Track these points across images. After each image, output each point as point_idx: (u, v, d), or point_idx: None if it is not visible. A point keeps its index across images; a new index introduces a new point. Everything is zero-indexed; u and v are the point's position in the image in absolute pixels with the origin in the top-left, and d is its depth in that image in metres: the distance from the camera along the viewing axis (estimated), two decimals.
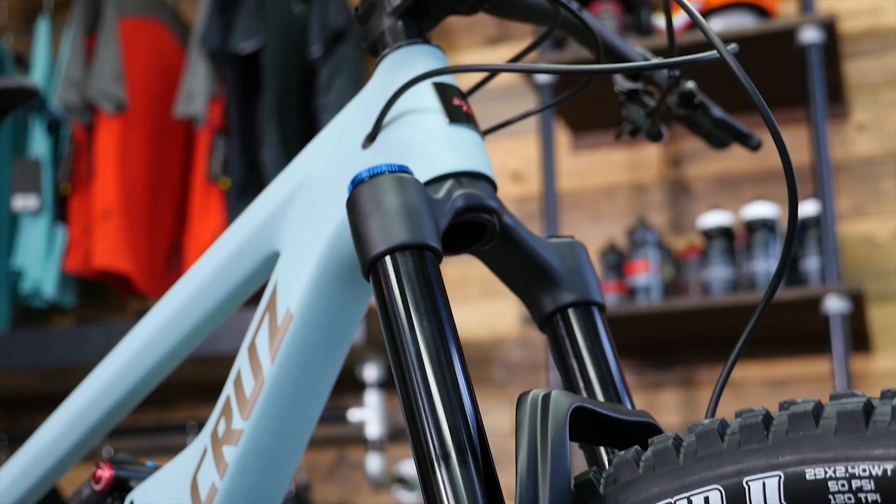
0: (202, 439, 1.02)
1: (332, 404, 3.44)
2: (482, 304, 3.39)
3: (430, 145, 0.92)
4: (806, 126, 2.97)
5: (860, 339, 2.93)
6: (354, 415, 3.22)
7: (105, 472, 1.10)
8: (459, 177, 0.91)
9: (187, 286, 1.12)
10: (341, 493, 3.45)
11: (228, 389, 1.01)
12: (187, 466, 1.03)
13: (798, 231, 2.84)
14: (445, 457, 0.74)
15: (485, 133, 0.98)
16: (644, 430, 0.81)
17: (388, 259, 0.82)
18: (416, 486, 3.24)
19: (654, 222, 3.16)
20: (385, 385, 3.22)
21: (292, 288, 0.98)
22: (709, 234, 2.91)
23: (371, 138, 0.96)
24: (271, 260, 1.06)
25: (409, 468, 3.27)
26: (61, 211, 3.44)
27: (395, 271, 0.81)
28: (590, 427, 0.80)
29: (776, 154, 0.81)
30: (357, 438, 3.32)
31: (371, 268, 0.83)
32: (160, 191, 3.43)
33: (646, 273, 2.92)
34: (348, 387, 3.35)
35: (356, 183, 0.85)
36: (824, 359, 2.92)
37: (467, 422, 0.76)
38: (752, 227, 2.86)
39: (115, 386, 1.16)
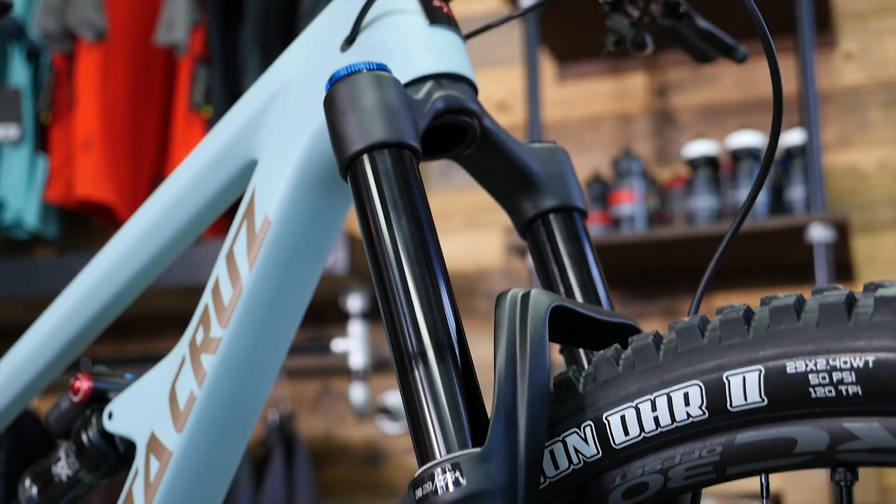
0: (180, 348, 1.01)
1: (316, 335, 3.44)
2: (466, 236, 3.38)
3: (410, 46, 0.90)
4: (793, 55, 2.94)
5: (844, 270, 2.93)
6: (338, 345, 3.22)
7: (83, 384, 1.09)
8: (439, 78, 0.89)
9: (165, 196, 1.10)
10: (325, 424, 3.46)
11: (206, 298, 0.99)
12: (165, 376, 1.02)
13: (783, 160, 2.83)
14: (423, 354, 0.73)
15: (467, 37, 0.97)
16: (624, 332, 0.80)
17: (365, 157, 0.80)
18: (401, 416, 3.25)
19: (639, 153, 3.14)
20: (369, 315, 3.21)
21: (270, 194, 0.97)
22: (694, 164, 2.90)
23: (349, 41, 0.94)
24: (249, 168, 1.04)
25: (393, 398, 3.28)
26: (42, 140, 3.41)
27: (372, 170, 0.80)
28: (570, 328, 0.79)
29: (762, 84, 0.80)
30: (341, 369, 3.32)
31: (348, 167, 0.81)
32: (142, 120, 3.39)
33: (630, 203, 2.91)
34: (332, 317, 3.35)
35: (333, 81, 0.83)
36: (808, 288, 2.92)
37: (445, 320, 0.74)
38: (738, 156, 2.85)
39: (94, 297, 1.15)
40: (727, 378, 0.68)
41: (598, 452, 0.73)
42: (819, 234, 2.58)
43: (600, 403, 0.73)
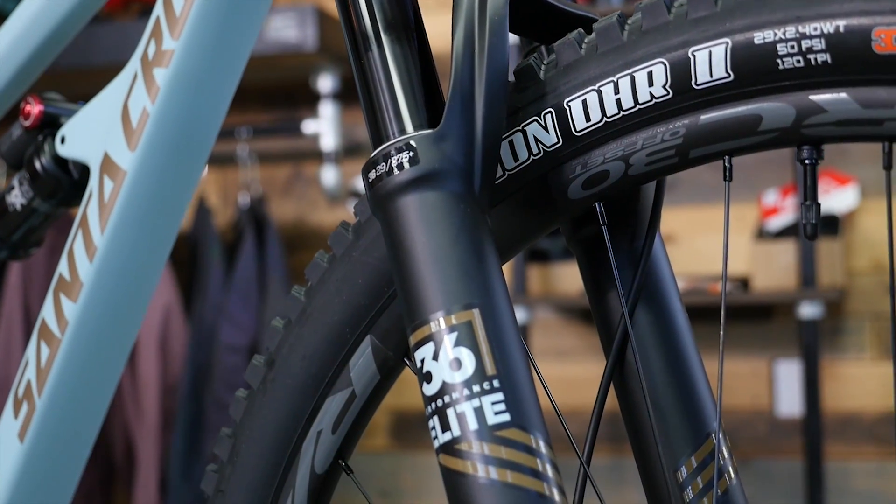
0: (132, 65, 0.97)
1: (287, 116, 3.40)
2: (439, 17, 3.30)
3: None
4: None
5: None
6: (309, 127, 3.18)
7: (34, 108, 1.06)
8: None
9: None
10: (297, 208, 3.44)
11: (157, 10, 0.95)
12: (117, 94, 0.99)
13: None
14: (377, 35, 0.70)
15: None
16: (588, 25, 0.77)
17: None
18: None
19: None
20: (340, 96, 3.16)
21: None
22: None
23: None
24: None
25: None
26: None
27: None
28: (532, 19, 0.76)
29: None
30: (312, 153, 3.29)
31: None
32: None
33: None
34: (302, 98, 3.30)
35: None
36: None
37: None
38: None
39: (39, 24, 1.10)
40: (692, 54, 0.65)
41: (559, 140, 0.71)
42: None
43: (562, 89, 0.70)
